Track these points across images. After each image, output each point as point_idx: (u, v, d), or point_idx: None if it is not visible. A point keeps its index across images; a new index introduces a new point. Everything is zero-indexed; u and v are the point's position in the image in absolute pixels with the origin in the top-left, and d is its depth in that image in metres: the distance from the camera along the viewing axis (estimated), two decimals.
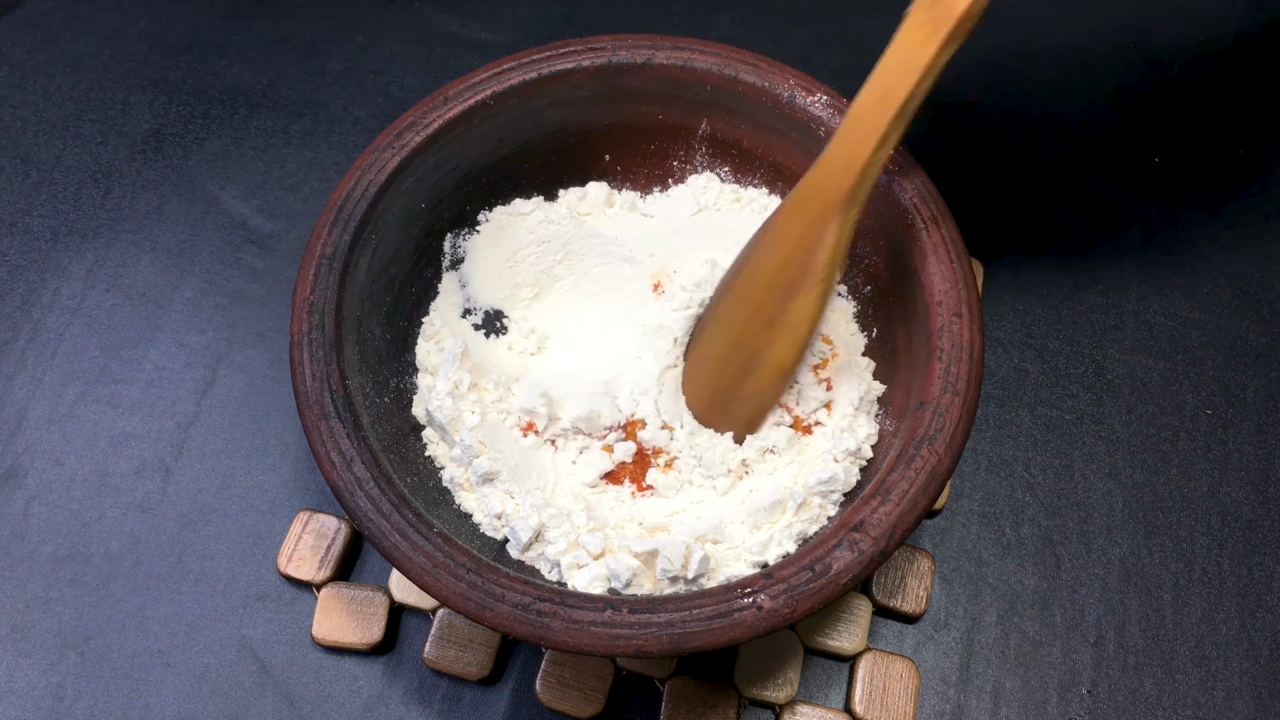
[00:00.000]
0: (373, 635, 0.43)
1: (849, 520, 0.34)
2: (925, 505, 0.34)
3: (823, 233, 0.36)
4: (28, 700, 0.43)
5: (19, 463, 0.48)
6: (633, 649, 0.32)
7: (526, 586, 0.33)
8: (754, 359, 0.39)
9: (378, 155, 0.41)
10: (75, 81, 0.59)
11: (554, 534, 0.37)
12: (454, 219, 0.45)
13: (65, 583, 0.46)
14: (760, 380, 0.39)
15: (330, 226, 0.39)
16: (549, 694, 0.42)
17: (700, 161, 0.46)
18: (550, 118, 0.44)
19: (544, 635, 0.32)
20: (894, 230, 0.40)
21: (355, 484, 0.35)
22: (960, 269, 0.38)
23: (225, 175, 0.56)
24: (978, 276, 0.52)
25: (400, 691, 0.44)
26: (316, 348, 0.37)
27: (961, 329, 0.37)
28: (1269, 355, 0.51)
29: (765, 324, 0.38)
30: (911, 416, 0.36)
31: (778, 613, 0.32)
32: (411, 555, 0.34)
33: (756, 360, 0.39)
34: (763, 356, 0.38)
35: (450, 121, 0.42)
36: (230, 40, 0.61)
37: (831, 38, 0.61)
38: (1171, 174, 0.56)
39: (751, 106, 0.43)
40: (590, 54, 0.43)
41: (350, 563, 0.46)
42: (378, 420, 0.39)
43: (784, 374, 0.39)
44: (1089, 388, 0.50)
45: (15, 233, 0.54)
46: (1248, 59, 0.60)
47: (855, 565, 0.33)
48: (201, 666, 0.44)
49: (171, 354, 0.51)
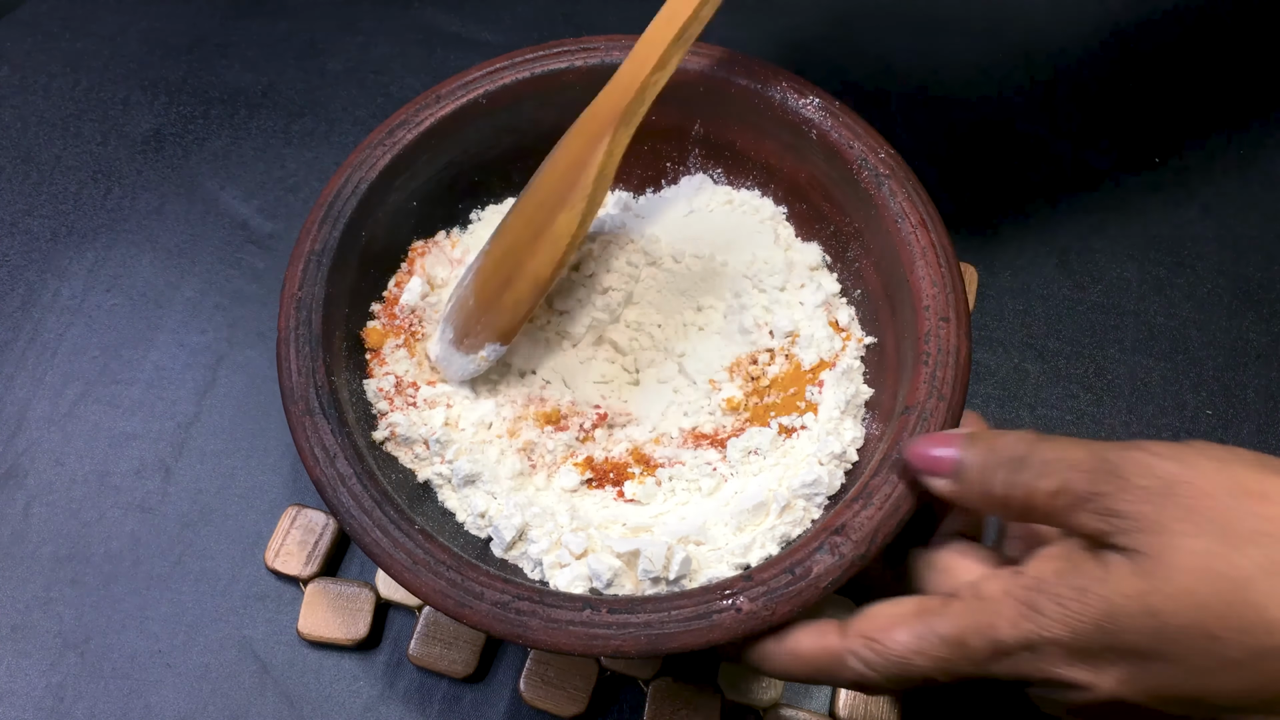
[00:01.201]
0: (358, 631, 0.44)
1: (831, 524, 0.34)
2: (908, 510, 0.34)
3: (595, 149, 0.37)
4: (28, 700, 0.43)
5: (19, 463, 0.48)
6: (611, 649, 0.32)
7: (506, 585, 0.33)
8: (517, 269, 0.39)
9: (369, 152, 0.41)
10: (75, 81, 0.59)
11: (537, 533, 0.37)
12: (445, 217, 0.45)
13: (65, 583, 0.46)
14: (519, 290, 0.39)
15: (320, 223, 0.39)
16: (533, 693, 0.42)
17: (693, 163, 0.46)
18: (543, 117, 0.44)
19: (522, 634, 0.32)
20: (883, 234, 0.40)
21: (338, 479, 0.35)
22: (949, 273, 0.38)
23: (225, 175, 0.56)
24: (970, 281, 0.52)
25: (384, 688, 0.44)
26: (303, 343, 0.37)
27: (949, 334, 0.37)
28: (1269, 355, 0.51)
29: (532, 237, 0.39)
30: (896, 420, 0.36)
31: (757, 615, 0.32)
32: (392, 552, 0.34)
33: (519, 272, 0.39)
34: (524, 268, 0.39)
35: (443, 120, 0.42)
36: (230, 40, 0.61)
37: (831, 37, 0.61)
38: (1171, 174, 0.56)
39: (744, 109, 0.43)
40: (584, 54, 0.43)
41: (338, 559, 0.46)
42: (363, 417, 0.39)
43: (540, 285, 0.39)
44: (1089, 388, 0.50)
45: (15, 233, 0.54)
46: (1249, 60, 0.60)
47: (836, 569, 0.33)
48: (201, 666, 0.44)
49: (171, 354, 0.51)
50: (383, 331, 0.41)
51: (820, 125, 0.41)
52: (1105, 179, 0.56)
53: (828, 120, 0.41)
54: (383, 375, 0.40)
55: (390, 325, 0.42)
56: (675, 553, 0.36)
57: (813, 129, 0.42)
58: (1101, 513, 0.28)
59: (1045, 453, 0.30)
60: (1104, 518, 0.28)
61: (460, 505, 0.39)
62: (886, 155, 0.40)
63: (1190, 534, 0.26)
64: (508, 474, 0.39)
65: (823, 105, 0.42)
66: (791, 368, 0.42)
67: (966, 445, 0.32)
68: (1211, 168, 0.56)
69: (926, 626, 0.30)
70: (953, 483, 0.32)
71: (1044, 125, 0.58)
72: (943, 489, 0.33)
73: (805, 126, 0.42)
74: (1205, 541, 0.26)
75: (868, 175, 0.40)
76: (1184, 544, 0.26)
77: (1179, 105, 0.58)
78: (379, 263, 0.42)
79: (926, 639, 0.30)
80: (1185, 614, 0.26)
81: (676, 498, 0.40)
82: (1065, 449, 0.30)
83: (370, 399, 0.40)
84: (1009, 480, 0.30)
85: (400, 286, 0.42)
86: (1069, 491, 0.29)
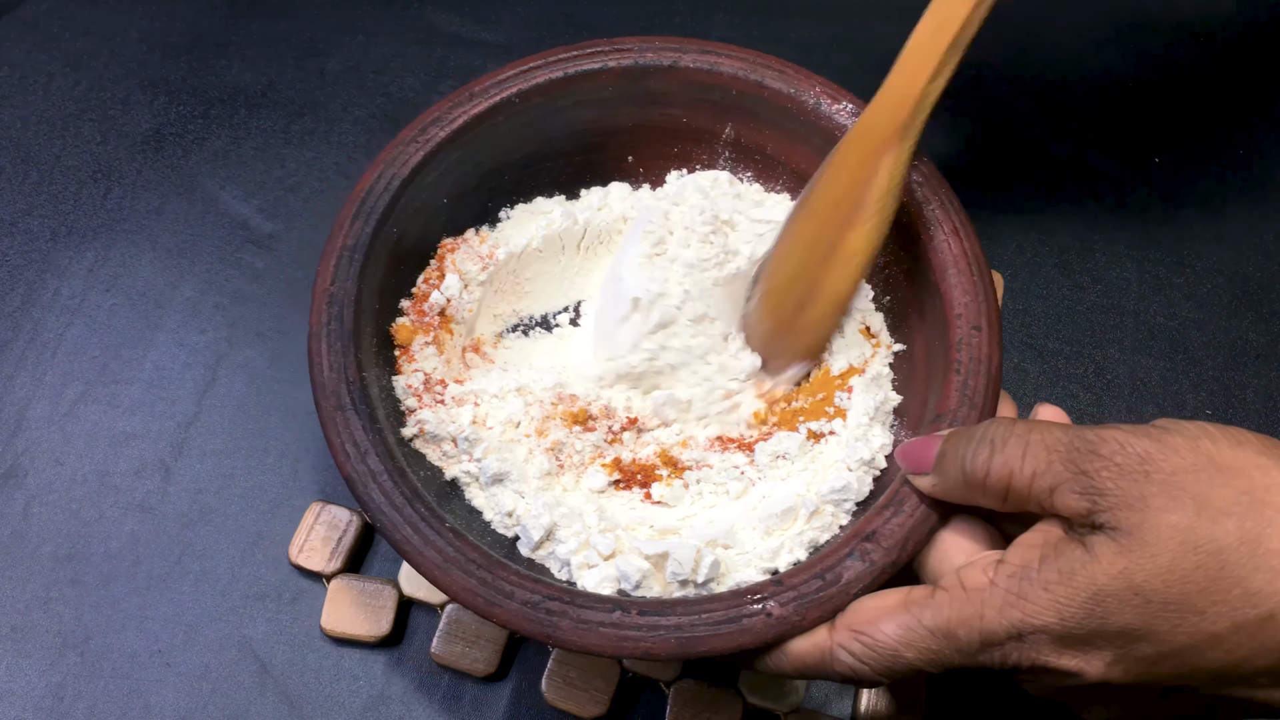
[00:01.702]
0: (381, 628, 0.44)
1: (861, 530, 0.34)
2: (939, 518, 0.34)
3: (877, 165, 0.36)
4: (28, 700, 0.43)
5: (19, 463, 0.48)
6: (640, 651, 0.32)
7: (536, 585, 0.33)
8: (811, 291, 0.39)
9: (402, 149, 0.41)
10: (75, 81, 0.59)
11: (565, 533, 0.37)
12: (475, 215, 0.45)
13: (65, 583, 0.46)
14: (818, 311, 0.40)
15: (353, 218, 0.39)
16: (554, 693, 0.42)
17: (723, 166, 0.46)
18: (575, 117, 0.44)
19: (552, 634, 0.32)
20: (916, 241, 0.40)
21: (369, 476, 0.35)
22: (981, 282, 0.38)
23: (225, 175, 0.56)
24: (998, 288, 0.52)
25: (404, 688, 0.44)
26: (335, 339, 0.37)
27: (980, 342, 0.37)
28: (1269, 355, 0.51)
29: (822, 257, 0.39)
30: (927, 428, 0.36)
31: (786, 620, 0.32)
32: (423, 549, 0.34)
33: (814, 292, 0.39)
34: (820, 288, 0.39)
35: (475, 118, 0.42)
36: (230, 40, 0.61)
37: (831, 37, 0.61)
38: (1171, 173, 0.56)
39: (776, 112, 0.43)
40: (617, 55, 0.43)
41: (361, 555, 0.46)
42: (392, 413, 0.38)
43: (840, 304, 0.40)
44: (1089, 388, 0.50)
45: (15, 233, 0.54)
46: (1248, 59, 0.60)
47: (866, 575, 0.33)
48: (201, 666, 0.44)
49: (171, 354, 0.51)
50: (412, 328, 0.41)
51: None
52: (1105, 179, 0.56)
53: None
54: (412, 372, 0.40)
55: (419, 322, 0.41)
56: (704, 556, 0.36)
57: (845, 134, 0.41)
58: (1082, 491, 0.28)
59: (1024, 434, 0.30)
60: (1085, 496, 0.28)
61: (487, 504, 0.39)
62: (920, 163, 0.40)
63: (1168, 509, 0.27)
64: (535, 473, 0.39)
65: (856, 111, 0.42)
66: (821, 373, 0.42)
67: (945, 439, 0.33)
68: (1211, 168, 0.57)
69: (914, 618, 0.30)
70: (934, 477, 0.33)
71: (1044, 125, 0.58)
72: (926, 486, 0.33)
73: (838, 132, 0.41)
74: (1183, 516, 0.27)
75: None
76: (1163, 519, 0.27)
77: (1179, 105, 0.58)
78: (409, 259, 0.42)
79: (914, 631, 0.30)
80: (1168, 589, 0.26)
81: (704, 501, 0.40)
82: (1042, 431, 0.30)
83: (399, 395, 0.40)
84: (987, 460, 0.30)
85: (429, 283, 0.42)
86: (1050, 473, 0.29)
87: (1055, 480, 0.29)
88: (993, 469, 0.30)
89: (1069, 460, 0.29)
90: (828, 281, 0.39)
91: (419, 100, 0.59)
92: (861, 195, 0.37)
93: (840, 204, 0.38)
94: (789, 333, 0.41)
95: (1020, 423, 0.31)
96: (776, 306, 0.40)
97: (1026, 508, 0.31)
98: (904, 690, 0.42)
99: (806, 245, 0.39)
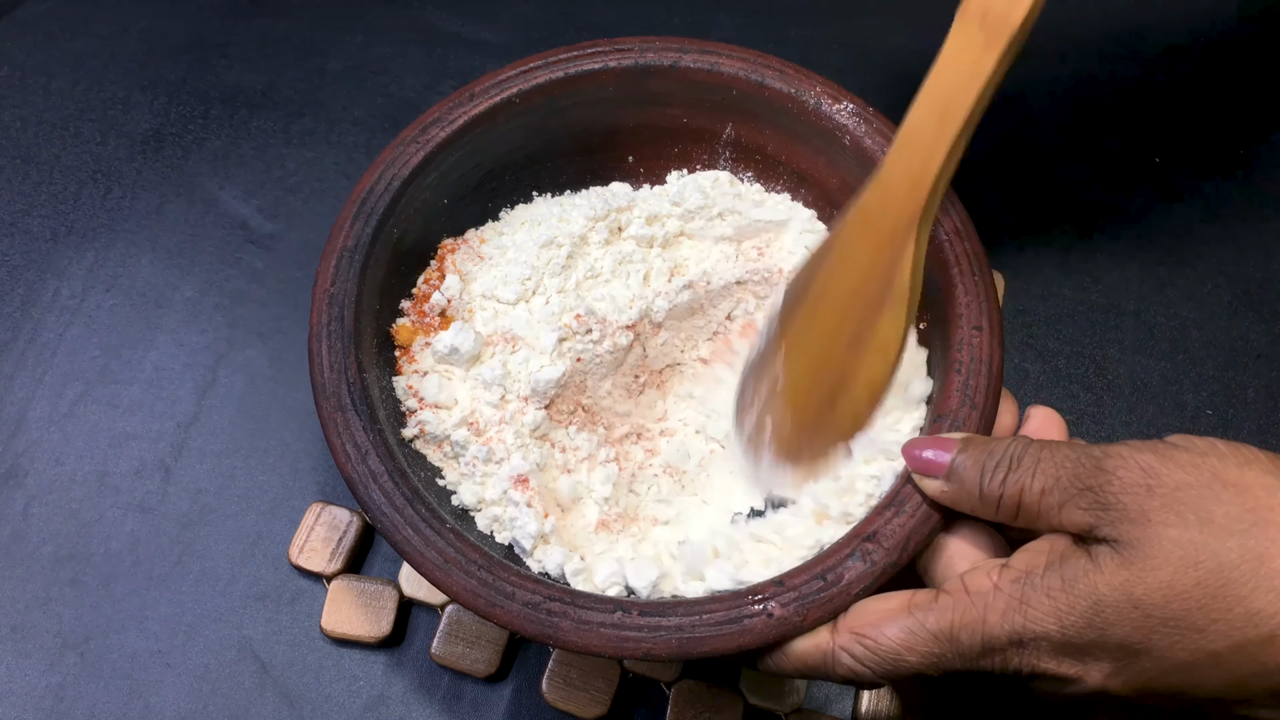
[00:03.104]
0: (381, 629, 0.44)
1: (862, 530, 0.34)
2: (940, 518, 0.34)
3: (900, 252, 0.35)
4: (28, 700, 0.43)
5: (19, 463, 0.48)
6: (641, 652, 0.32)
7: (537, 585, 0.33)
8: (843, 382, 0.38)
9: (402, 149, 0.41)
10: (75, 81, 0.59)
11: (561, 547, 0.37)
12: (476, 216, 0.45)
13: (65, 583, 0.46)
14: (854, 401, 0.38)
15: (353, 219, 0.39)
16: (555, 694, 0.42)
17: (724, 166, 0.46)
18: (575, 117, 0.44)
19: (553, 635, 0.32)
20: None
21: (370, 477, 0.35)
22: (983, 282, 0.38)
23: (225, 175, 0.56)
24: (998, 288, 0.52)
25: (404, 688, 0.44)
26: (335, 339, 0.37)
27: (981, 342, 0.37)
28: (1269, 355, 0.51)
29: (848, 346, 0.37)
30: (929, 428, 0.36)
31: (788, 620, 0.32)
32: (424, 550, 0.34)
33: (846, 382, 0.38)
34: (855, 378, 0.38)
35: (476, 118, 0.42)
36: (230, 40, 0.61)
37: (831, 37, 0.61)
38: (1172, 174, 0.56)
39: (777, 113, 0.43)
40: (617, 55, 0.43)
41: (361, 556, 0.46)
42: (392, 414, 0.38)
43: (878, 392, 0.38)
44: (1089, 388, 0.50)
45: (15, 233, 0.54)
46: (1248, 59, 0.60)
47: (867, 575, 0.33)
48: (201, 666, 0.44)
49: (171, 354, 0.51)
50: (412, 329, 0.41)
51: (854, 131, 0.41)
52: (1106, 179, 0.56)
53: (861, 126, 0.41)
54: (412, 373, 0.40)
55: (420, 323, 0.41)
56: (705, 556, 0.36)
57: (846, 135, 0.41)
58: (1088, 506, 0.28)
59: (1036, 453, 0.30)
60: (1091, 511, 0.28)
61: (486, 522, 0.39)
62: None
63: (1171, 524, 0.27)
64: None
65: (856, 111, 0.41)
66: None
67: (961, 448, 0.32)
68: (1211, 168, 0.56)
69: (916, 622, 0.30)
70: (945, 484, 0.32)
71: (1044, 126, 0.58)
72: (935, 490, 0.33)
73: (839, 133, 0.41)
74: (1184, 531, 0.26)
75: None
76: (1166, 534, 0.27)
77: (1179, 106, 0.58)
78: (409, 260, 0.42)
79: (917, 634, 0.30)
80: (1167, 604, 0.26)
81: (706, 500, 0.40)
82: (1054, 449, 0.30)
83: (400, 396, 0.40)
84: (1002, 481, 0.30)
85: (429, 284, 0.42)
86: (1059, 488, 0.29)
87: (1063, 496, 0.29)
88: (1008, 489, 0.30)
89: (1076, 476, 0.29)
90: (863, 371, 0.38)
91: (419, 100, 0.59)
92: (884, 284, 0.36)
93: (859, 294, 0.37)
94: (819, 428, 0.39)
95: (1035, 442, 0.31)
96: (802, 407, 0.39)
97: (1036, 527, 0.30)
98: (905, 691, 0.42)
99: (827, 336, 0.38)
